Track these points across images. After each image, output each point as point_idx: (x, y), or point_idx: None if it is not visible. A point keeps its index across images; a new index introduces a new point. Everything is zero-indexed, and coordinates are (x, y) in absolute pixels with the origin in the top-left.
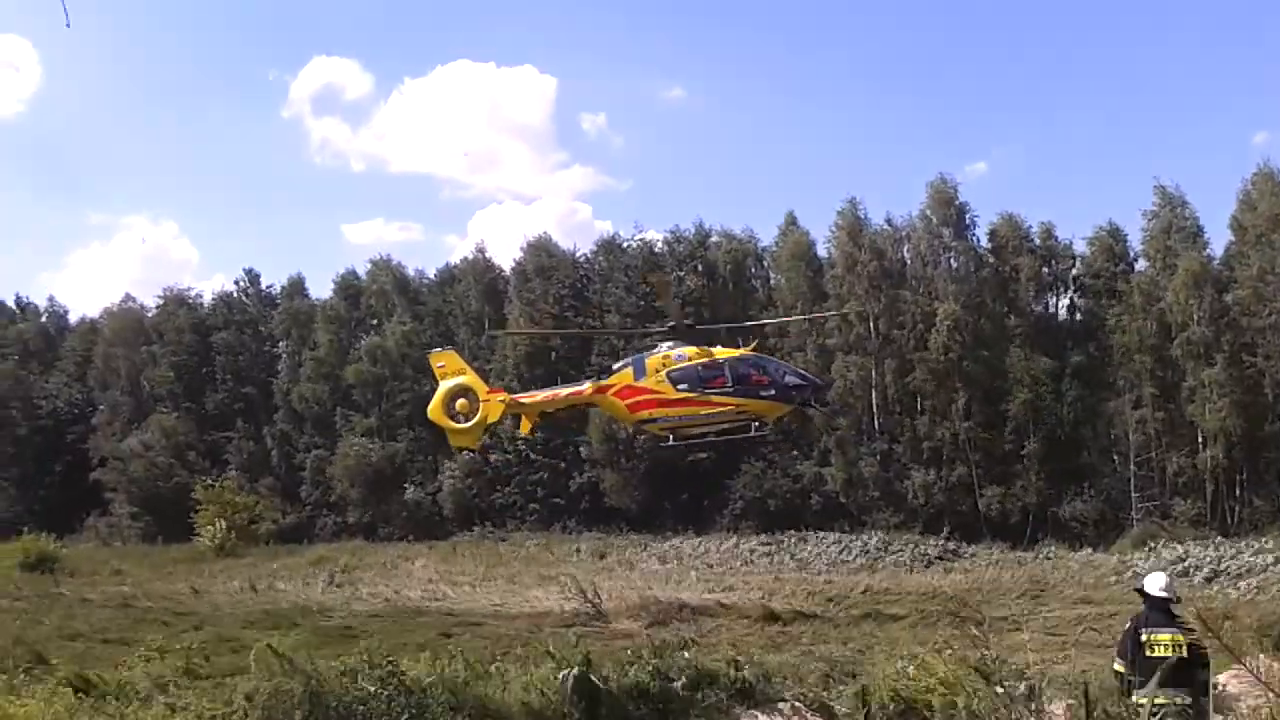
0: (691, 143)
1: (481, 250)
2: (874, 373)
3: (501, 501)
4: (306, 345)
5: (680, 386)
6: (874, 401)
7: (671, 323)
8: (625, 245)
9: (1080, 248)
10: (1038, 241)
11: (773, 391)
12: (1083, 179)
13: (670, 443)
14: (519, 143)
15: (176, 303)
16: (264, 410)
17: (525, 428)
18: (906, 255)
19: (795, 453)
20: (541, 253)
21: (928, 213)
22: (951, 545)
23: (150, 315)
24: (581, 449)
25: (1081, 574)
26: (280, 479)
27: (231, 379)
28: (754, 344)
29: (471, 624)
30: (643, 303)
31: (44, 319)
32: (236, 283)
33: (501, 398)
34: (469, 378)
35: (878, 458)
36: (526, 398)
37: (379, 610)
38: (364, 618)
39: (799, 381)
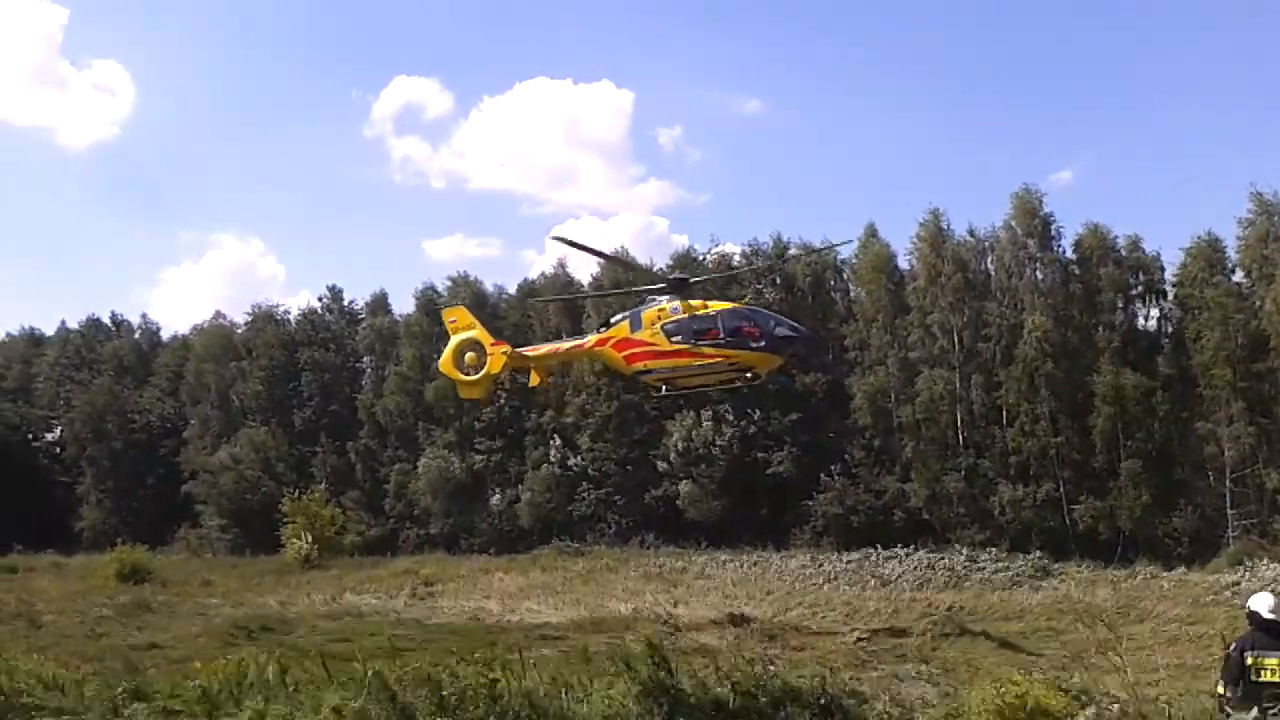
0: (769, 155)
1: (561, 265)
2: (958, 386)
3: (580, 514)
4: (390, 360)
5: (674, 339)
6: (958, 415)
7: (669, 277)
8: (702, 259)
9: (1170, 257)
10: (1124, 252)
11: (764, 343)
12: (1172, 187)
13: (663, 392)
14: (596, 158)
15: (264, 319)
16: (349, 424)
17: (534, 380)
18: (990, 267)
19: (877, 468)
20: (619, 267)
21: (1012, 223)
22: (1040, 563)
23: (239, 332)
24: (659, 462)
25: (1176, 593)
26: (364, 492)
27: (318, 394)
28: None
29: (552, 637)
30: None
31: (138, 336)
32: (321, 299)
33: (504, 349)
34: (478, 331)
35: (963, 473)
36: (530, 350)
37: (460, 624)
38: (445, 631)
39: (790, 333)
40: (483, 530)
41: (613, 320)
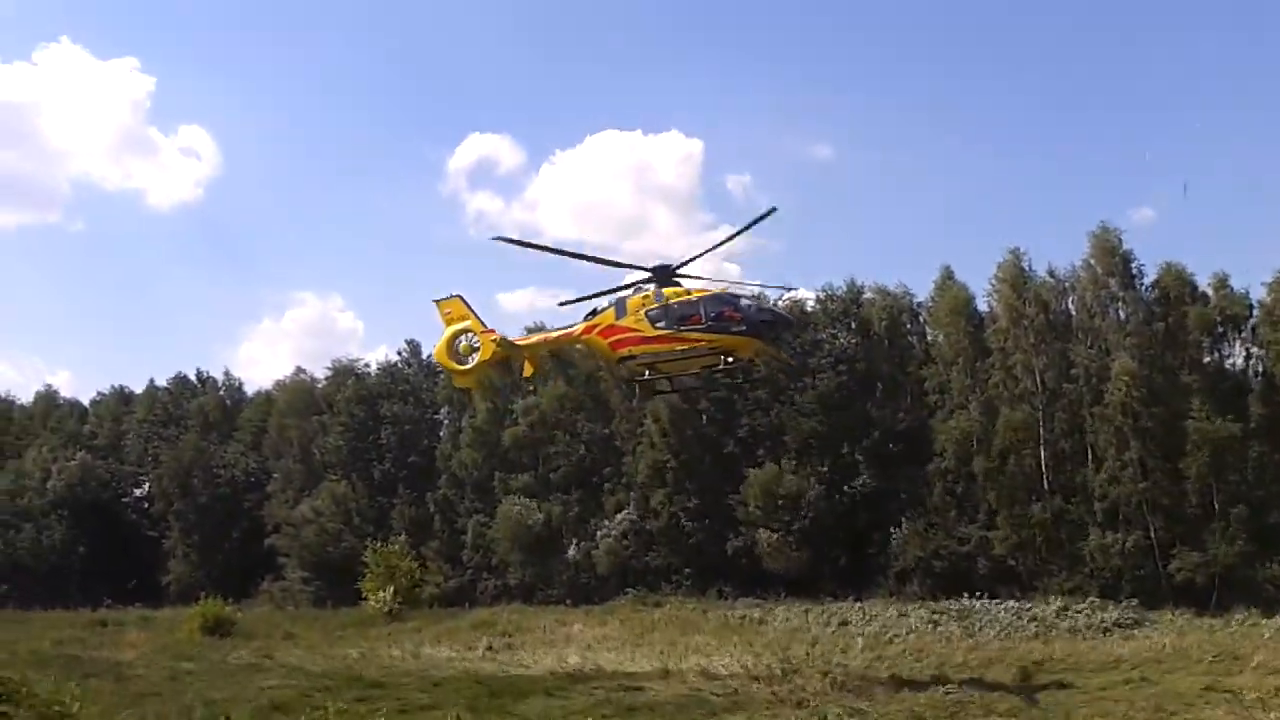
0: (840, 199)
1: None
2: (1041, 429)
3: (656, 564)
4: (466, 412)
5: (658, 325)
6: (1043, 459)
7: (654, 265)
8: (775, 305)
9: (1258, 295)
10: (1209, 290)
11: (744, 326)
12: (1257, 222)
13: (646, 377)
14: (667, 206)
15: (344, 374)
16: (427, 476)
17: (528, 371)
18: (1072, 307)
19: (959, 514)
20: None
21: (1092, 262)
22: (1132, 611)
23: (320, 386)
24: (737, 509)
25: (1277, 641)
26: (443, 543)
27: (396, 446)
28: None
29: (632, 688)
30: (794, 362)
31: (222, 392)
32: (399, 353)
33: (494, 337)
34: (471, 321)
35: (1049, 518)
36: (521, 340)
37: (541, 675)
38: (526, 684)
39: (769, 318)
40: (560, 581)
41: (599, 308)
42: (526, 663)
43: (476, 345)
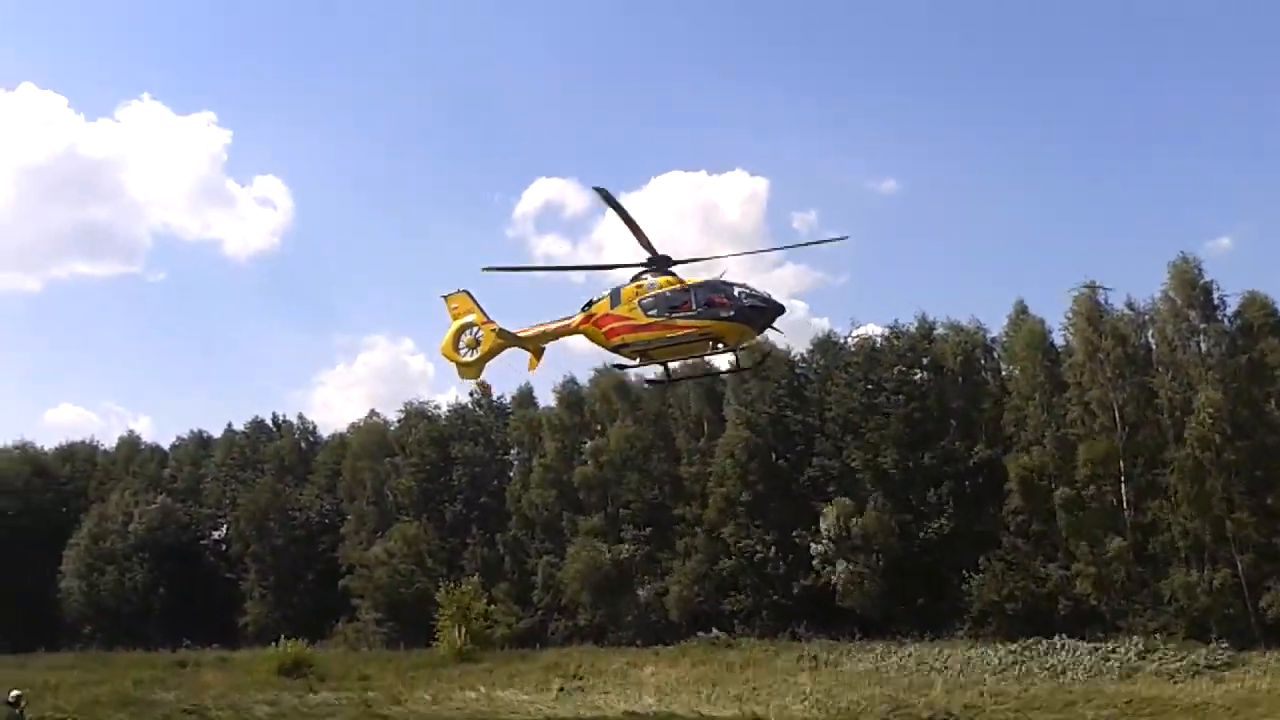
0: (908, 234)
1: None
2: (1122, 464)
3: (729, 605)
4: (536, 453)
5: (650, 312)
6: (1124, 495)
7: (649, 255)
8: (843, 342)
9: None
10: None
11: (733, 313)
12: None
13: (637, 363)
14: (733, 246)
15: (416, 416)
16: (498, 517)
17: (532, 365)
18: (1151, 340)
19: (1038, 551)
20: (757, 353)
21: (1171, 294)
22: (1221, 652)
23: (392, 429)
24: (812, 545)
25: None
26: (513, 584)
27: (468, 487)
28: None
29: None
30: (864, 400)
31: (297, 435)
32: (470, 394)
33: (494, 328)
34: (475, 315)
35: (1131, 556)
36: (521, 331)
37: (617, 718)
38: None
39: (759, 303)
40: (630, 622)
41: (595, 299)
42: (600, 705)
43: (480, 338)
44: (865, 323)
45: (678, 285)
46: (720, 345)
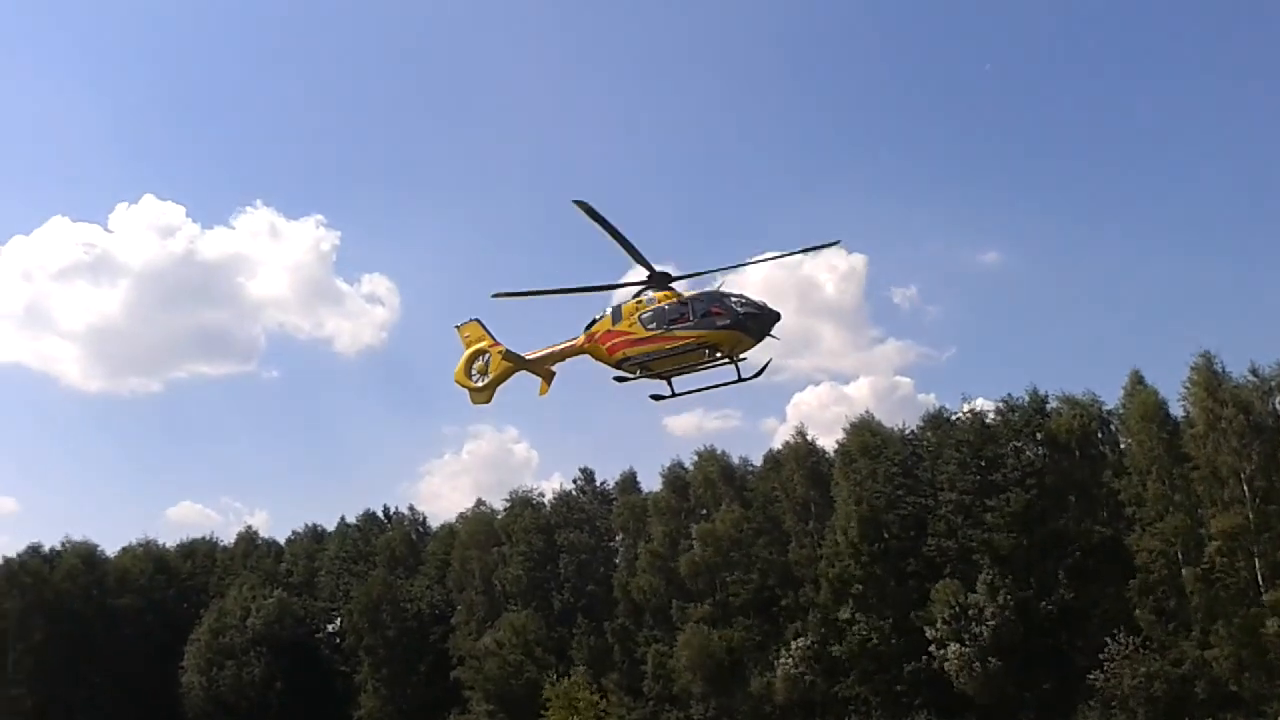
0: (1014, 306)
1: (802, 433)
2: (1254, 537)
3: (843, 693)
4: (641, 538)
5: (650, 326)
6: (1258, 570)
7: (648, 273)
8: (953, 418)
9: None
10: None
11: (729, 321)
12: None
13: (639, 375)
14: (832, 323)
15: (521, 504)
16: (605, 604)
17: (543, 390)
18: (1278, 406)
19: (1164, 630)
20: (865, 432)
21: None
22: None
23: (499, 517)
24: (926, 628)
25: None
26: (623, 674)
27: (574, 575)
28: None
29: None
30: (978, 478)
31: (407, 526)
32: (574, 481)
33: (500, 350)
34: (486, 342)
35: (1273, 633)
36: (528, 354)
37: None
38: None
39: (754, 310)
40: (744, 711)
41: (597, 317)
42: None
43: (490, 364)
44: (975, 397)
45: (675, 299)
46: (719, 354)
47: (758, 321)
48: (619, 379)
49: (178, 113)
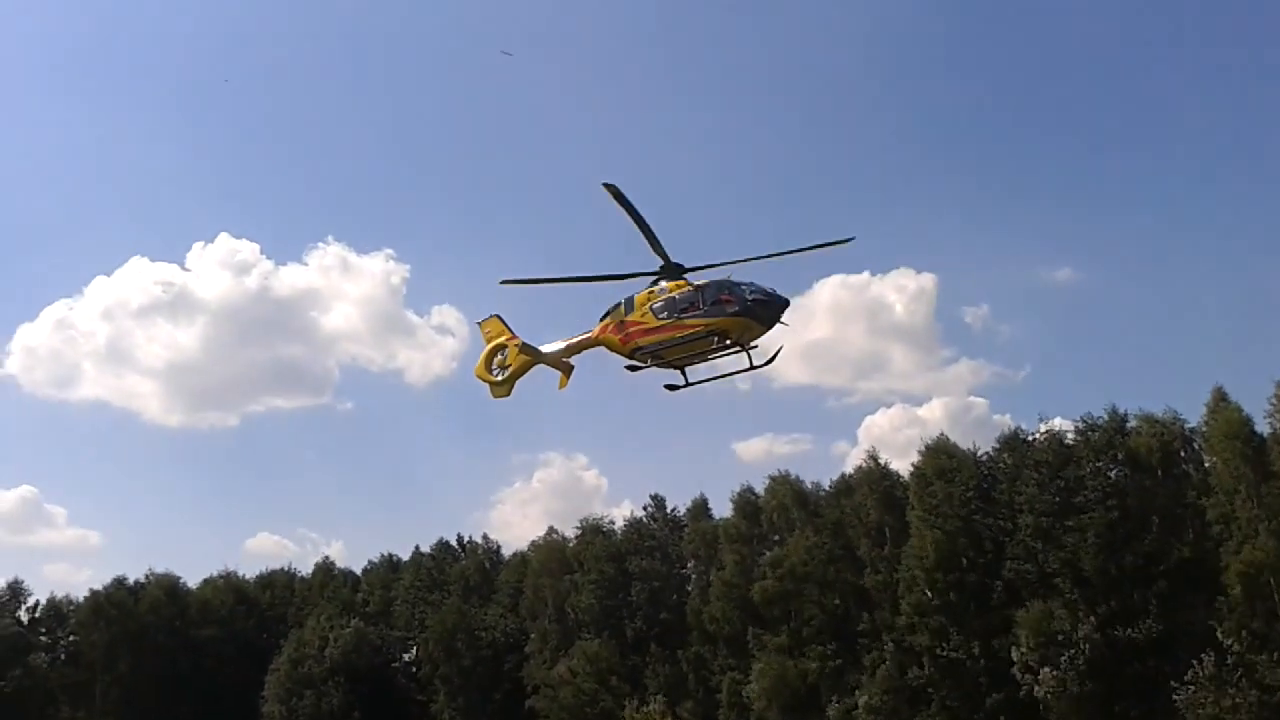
0: (1090, 322)
1: (874, 456)
2: None
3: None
4: (714, 565)
5: (661, 315)
6: None
7: (662, 263)
8: (1030, 439)
9: None
10: None
11: (737, 308)
12: None
13: (649, 364)
14: (902, 345)
15: (592, 532)
16: (678, 632)
17: (562, 383)
18: None
19: (1258, 654)
20: (940, 455)
21: None
22: None
23: (570, 545)
24: (1012, 651)
25: None
26: (698, 703)
27: (647, 603)
28: None
29: None
30: (1057, 500)
31: (481, 555)
32: (645, 508)
33: (516, 343)
34: (505, 337)
35: None
36: (545, 347)
37: None
38: None
39: (762, 297)
40: None
41: (611, 308)
42: None
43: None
44: (1053, 416)
45: (688, 289)
46: (728, 342)
47: (766, 308)
48: (630, 368)
49: (251, 154)
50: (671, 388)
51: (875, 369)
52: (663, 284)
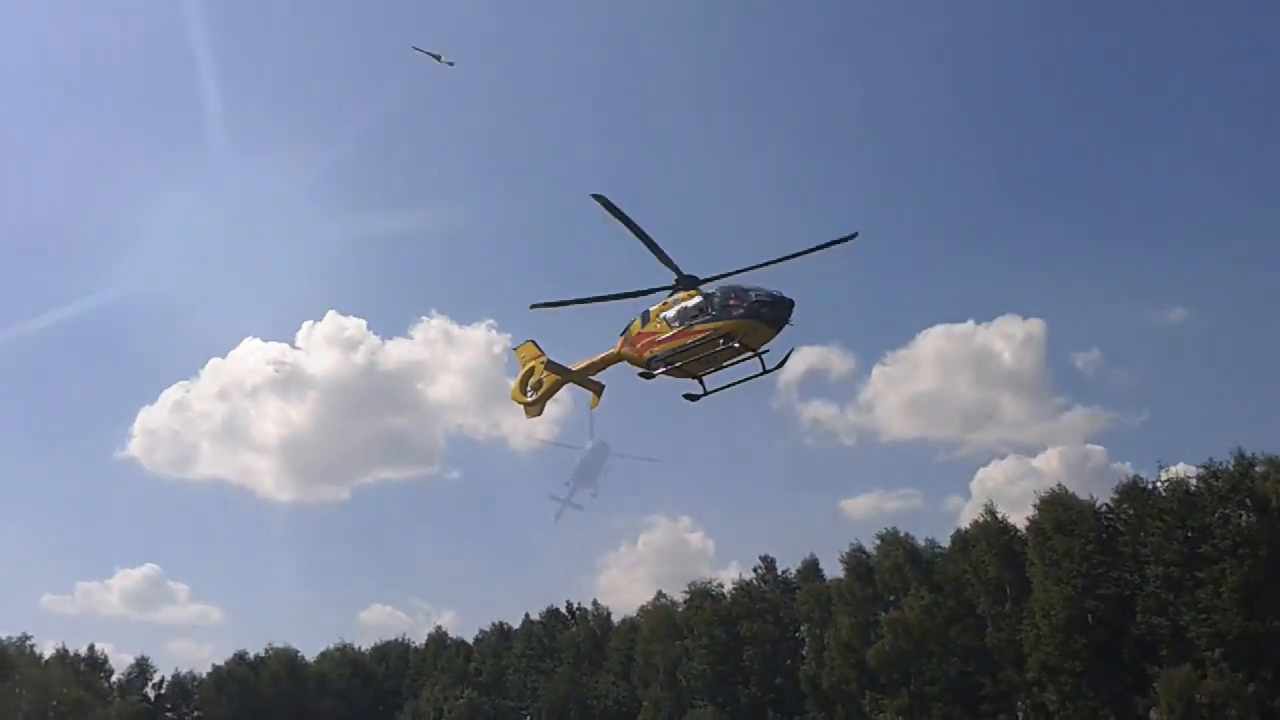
0: (1208, 364)
1: (992, 511)
2: None
3: None
4: (828, 627)
5: (674, 324)
6: None
7: (675, 276)
8: (1152, 487)
9: None
10: None
11: (742, 310)
12: None
13: (663, 371)
14: (1012, 393)
15: (701, 595)
16: (793, 697)
17: (594, 403)
18: None
19: None
20: (1058, 507)
21: None
22: None
23: (679, 610)
24: (1153, 712)
25: None
26: None
27: (760, 669)
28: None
29: None
30: (1186, 549)
31: (591, 622)
32: (755, 570)
33: (543, 360)
34: (536, 360)
35: None
36: (573, 365)
37: None
38: None
39: (767, 299)
40: None
41: (629, 323)
42: None
43: (542, 380)
44: (1173, 463)
45: (698, 297)
46: (736, 345)
47: (772, 309)
48: (643, 375)
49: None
50: (691, 397)
51: (986, 419)
52: (677, 295)
